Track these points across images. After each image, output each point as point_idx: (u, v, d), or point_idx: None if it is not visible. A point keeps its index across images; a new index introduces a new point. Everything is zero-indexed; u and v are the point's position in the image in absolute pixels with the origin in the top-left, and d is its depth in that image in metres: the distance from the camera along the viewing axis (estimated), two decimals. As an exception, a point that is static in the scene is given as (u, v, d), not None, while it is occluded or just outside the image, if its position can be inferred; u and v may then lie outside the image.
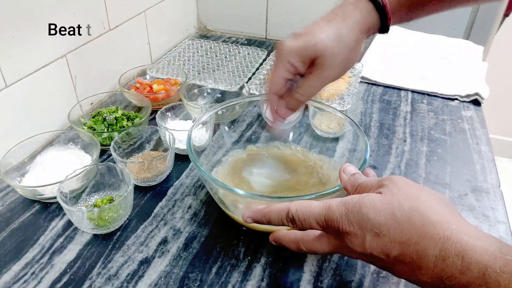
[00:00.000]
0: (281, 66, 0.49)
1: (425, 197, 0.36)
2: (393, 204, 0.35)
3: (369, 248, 0.36)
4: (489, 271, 0.29)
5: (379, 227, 0.35)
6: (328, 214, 0.37)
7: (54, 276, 0.50)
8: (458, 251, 0.31)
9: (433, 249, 0.32)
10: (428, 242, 0.32)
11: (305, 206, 0.39)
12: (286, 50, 0.48)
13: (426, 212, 0.34)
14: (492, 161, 0.70)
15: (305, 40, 0.47)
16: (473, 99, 0.87)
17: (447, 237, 0.32)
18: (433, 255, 0.32)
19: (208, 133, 0.63)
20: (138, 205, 0.60)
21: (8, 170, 0.61)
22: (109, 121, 0.73)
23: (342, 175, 0.44)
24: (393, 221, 0.34)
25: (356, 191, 0.42)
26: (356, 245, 0.36)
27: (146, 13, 0.98)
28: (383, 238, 0.35)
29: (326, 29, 0.47)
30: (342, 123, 0.66)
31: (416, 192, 0.36)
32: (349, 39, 0.47)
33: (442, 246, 0.32)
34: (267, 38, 1.21)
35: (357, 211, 0.36)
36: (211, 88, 0.88)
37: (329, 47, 0.47)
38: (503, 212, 0.60)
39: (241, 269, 0.51)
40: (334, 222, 0.37)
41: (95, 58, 0.84)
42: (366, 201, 0.36)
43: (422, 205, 0.34)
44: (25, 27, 0.66)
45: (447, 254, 0.31)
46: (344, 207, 0.37)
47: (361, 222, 0.36)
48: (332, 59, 0.47)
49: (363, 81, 0.95)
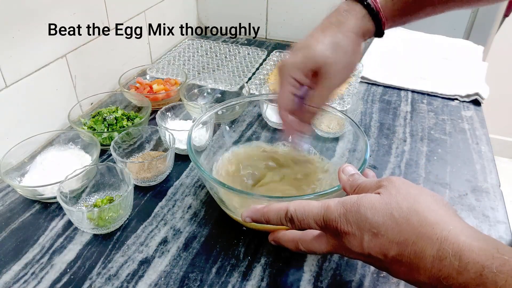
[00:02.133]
0: (285, 82, 0.50)
1: (424, 198, 0.36)
2: (391, 205, 0.35)
3: (367, 248, 0.36)
4: (486, 271, 0.30)
5: (377, 227, 0.35)
6: (326, 214, 0.38)
7: (54, 276, 0.50)
8: (455, 251, 0.31)
9: (430, 249, 0.32)
10: (425, 242, 0.33)
11: (303, 206, 0.39)
12: (287, 67, 0.49)
13: (424, 212, 0.34)
14: (492, 161, 0.70)
15: (304, 54, 0.48)
16: (473, 99, 0.87)
17: (444, 238, 0.32)
18: (431, 255, 0.32)
19: (208, 133, 0.63)
20: (138, 205, 0.60)
21: (8, 170, 0.61)
22: (109, 121, 0.73)
23: (341, 175, 0.44)
24: (391, 222, 0.34)
25: (355, 192, 0.42)
26: (354, 245, 0.36)
27: (146, 13, 0.98)
28: (381, 238, 0.35)
29: (323, 39, 0.48)
30: (342, 123, 0.66)
31: (414, 193, 0.36)
32: (347, 45, 0.48)
33: (440, 246, 0.32)
34: (267, 38, 1.21)
35: (355, 211, 0.36)
36: (211, 88, 0.88)
37: (328, 57, 0.48)
38: (503, 212, 0.60)
39: (241, 269, 0.51)
40: (333, 222, 0.37)
41: (95, 58, 0.84)
42: (364, 201, 0.36)
43: (420, 206, 0.35)
44: (25, 27, 0.66)
45: (444, 254, 0.31)
46: (343, 207, 0.37)
47: (359, 222, 0.36)
48: (333, 68, 0.48)
49: (363, 81, 0.95)
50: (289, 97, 0.51)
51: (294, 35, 1.16)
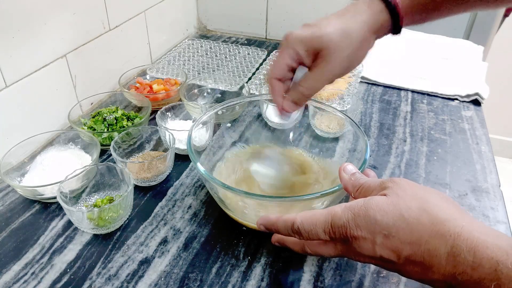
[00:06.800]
0: (285, 52, 0.49)
1: (431, 196, 0.36)
2: (400, 205, 0.35)
3: (379, 251, 0.35)
4: (500, 266, 0.30)
5: (387, 229, 0.35)
6: (334, 220, 0.37)
7: (54, 276, 0.50)
8: (469, 247, 0.31)
9: (444, 246, 0.32)
10: (439, 240, 0.33)
11: (310, 216, 0.39)
12: (293, 38, 0.49)
13: (434, 211, 0.34)
14: (492, 161, 0.70)
15: (313, 31, 0.48)
16: (473, 99, 0.87)
17: (457, 234, 0.32)
18: (445, 252, 0.32)
19: (208, 133, 0.63)
20: (138, 205, 0.60)
21: (8, 170, 0.61)
22: (109, 121, 0.73)
23: (342, 174, 0.44)
24: (402, 222, 0.34)
25: (358, 192, 0.41)
26: (365, 248, 0.36)
27: (146, 13, 0.98)
28: (392, 239, 0.35)
29: (335, 23, 0.48)
30: (342, 123, 0.66)
31: (421, 193, 0.36)
32: (356, 36, 0.48)
33: (453, 243, 0.32)
34: (267, 38, 1.21)
35: (364, 214, 0.36)
36: (211, 88, 0.88)
37: (334, 40, 0.47)
38: (503, 212, 0.60)
39: (241, 269, 0.51)
40: (341, 228, 0.37)
41: (95, 58, 0.84)
42: (372, 204, 0.36)
43: (430, 205, 0.35)
44: (25, 27, 0.66)
45: (458, 250, 0.32)
46: (350, 212, 0.37)
47: (369, 225, 0.35)
48: (336, 53, 0.48)
49: (363, 81, 0.95)
50: (283, 68, 0.50)
51: (294, 35, 1.16)
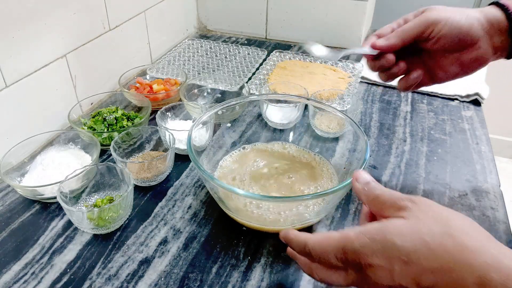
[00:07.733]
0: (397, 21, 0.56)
1: (456, 220, 0.33)
2: (421, 229, 0.33)
3: (398, 279, 0.33)
4: None
5: (407, 255, 0.32)
6: (346, 245, 0.35)
7: (54, 276, 0.50)
8: (502, 278, 0.29)
9: (471, 276, 0.30)
10: (466, 268, 0.30)
11: (322, 239, 0.37)
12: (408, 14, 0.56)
13: (459, 236, 0.32)
14: (492, 161, 0.70)
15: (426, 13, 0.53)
16: (473, 99, 0.87)
17: (486, 263, 0.30)
18: (472, 283, 0.30)
19: (208, 133, 0.63)
20: (138, 205, 0.60)
21: (8, 170, 0.61)
22: (109, 121, 0.73)
23: (355, 184, 0.41)
24: (423, 247, 0.32)
25: (372, 203, 0.39)
26: (382, 277, 0.33)
27: (146, 13, 0.98)
28: (412, 266, 0.32)
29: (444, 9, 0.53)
30: (342, 123, 0.66)
31: (444, 215, 0.34)
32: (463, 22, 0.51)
33: (482, 273, 0.30)
34: (267, 38, 1.21)
35: (380, 239, 0.33)
36: (211, 88, 0.88)
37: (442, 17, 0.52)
38: (503, 212, 0.60)
39: (241, 269, 0.51)
40: (354, 254, 0.34)
41: (95, 58, 0.84)
42: (390, 227, 0.34)
43: (454, 229, 0.32)
44: (25, 27, 0.66)
45: (489, 280, 0.29)
46: (365, 237, 0.34)
47: (387, 251, 0.33)
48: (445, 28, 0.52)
49: (363, 81, 0.95)
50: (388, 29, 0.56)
51: (294, 35, 1.16)
